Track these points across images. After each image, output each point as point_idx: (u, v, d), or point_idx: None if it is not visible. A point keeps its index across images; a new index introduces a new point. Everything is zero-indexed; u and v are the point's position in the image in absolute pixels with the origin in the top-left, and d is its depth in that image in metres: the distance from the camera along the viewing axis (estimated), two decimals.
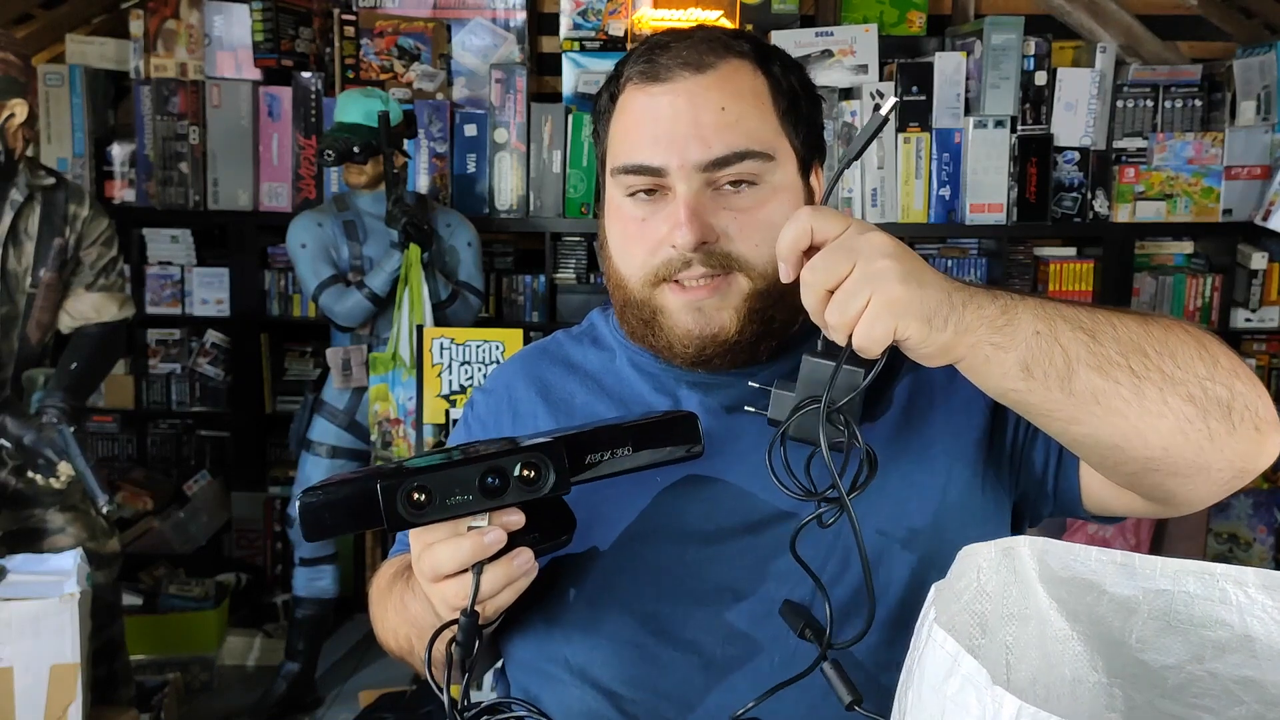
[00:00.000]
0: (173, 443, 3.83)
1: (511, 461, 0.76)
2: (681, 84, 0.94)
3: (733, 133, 0.92)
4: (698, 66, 0.94)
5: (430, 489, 0.75)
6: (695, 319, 0.95)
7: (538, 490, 0.77)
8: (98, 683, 2.40)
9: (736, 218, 0.93)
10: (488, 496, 0.76)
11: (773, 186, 0.95)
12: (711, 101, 0.93)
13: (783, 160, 0.96)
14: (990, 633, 0.59)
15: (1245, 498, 3.36)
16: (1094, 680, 0.63)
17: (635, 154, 0.94)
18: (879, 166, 3.47)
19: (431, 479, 0.75)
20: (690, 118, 0.93)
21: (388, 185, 2.93)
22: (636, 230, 0.96)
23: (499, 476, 0.76)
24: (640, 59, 0.96)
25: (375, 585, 1.06)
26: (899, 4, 3.71)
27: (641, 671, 0.93)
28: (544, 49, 3.84)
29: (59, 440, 2.24)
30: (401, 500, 0.75)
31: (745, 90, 0.95)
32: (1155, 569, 0.62)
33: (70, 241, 2.42)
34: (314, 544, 3.09)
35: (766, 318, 0.96)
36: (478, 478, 0.75)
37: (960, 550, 0.61)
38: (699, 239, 0.91)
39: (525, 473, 0.76)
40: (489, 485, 0.76)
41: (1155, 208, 3.53)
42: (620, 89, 0.98)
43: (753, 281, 0.94)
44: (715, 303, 0.94)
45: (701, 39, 0.96)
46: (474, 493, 0.76)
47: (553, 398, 1.05)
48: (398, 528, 0.76)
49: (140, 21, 3.60)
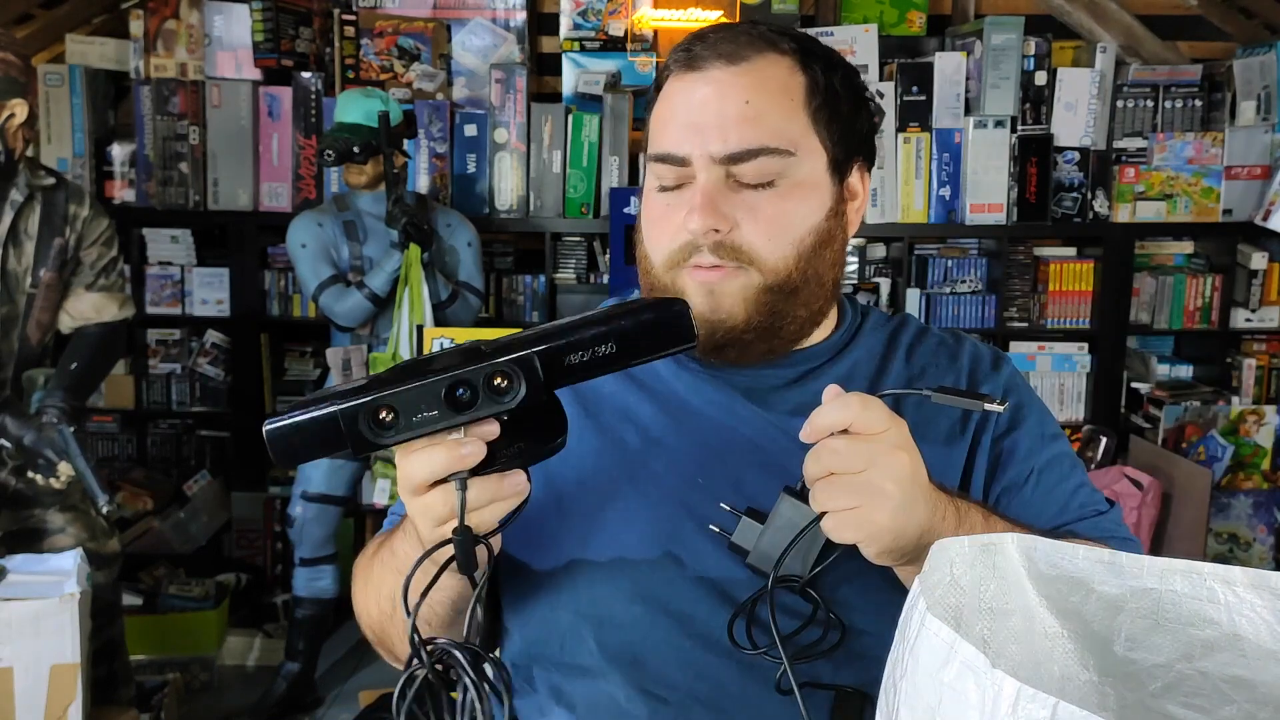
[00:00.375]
0: (173, 443, 3.83)
1: (479, 373, 0.71)
2: (714, 74, 0.95)
3: (753, 127, 0.93)
4: (731, 58, 0.95)
5: (395, 408, 0.70)
6: (707, 301, 0.95)
7: (509, 402, 0.72)
8: (98, 683, 2.40)
9: (751, 211, 0.94)
10: (457, 411, 0.71)
11: (793, 183, 0.95)
12: (738, 94, 0.94)
13: (806, 157, 0.96)
14: (965, 626, 0.59)
15: (1245, 498, 3.35)
16: (1084, 679, 0.63)
17: (664, 143, 0.96)
18: (879, 166, 3.47)
19: (396, 398, 0.70)
20: (716, 108, 0.94)
21: (388, 185, 2.94)
22: (661, 215, 0.98)
23: (468, 389, 0.71)
24: (682, 48, 0.98)
25: (357, 564, 1.03)
26: (899, 4, 3.71)
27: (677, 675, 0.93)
28: (544, 49, 3.84)
29: (59, 440, 2.25)
30: (365, 422, 0.71)
31: (775, 86, 0.95)
32: (1142, 568, 0.62)
33: (70, 241, 2.42)
34: (314, 544, 3.09)
35: (776, 312, 0.96)
36: (444, 391, 0.70)
37: (934, 544, 0.62)
38: (711, 224, 0.92)
39: (498, 382, 0.71)
40: (458, 399, 0.71)
41: (1155, 208, 3.54)
42: (664, 78, 1.00)
43: (763, 276, 0.95)
44: (724, 289, 0.95)
45: (743, 32, 0.97)
46: (441, 408, 0.71)
47: (579, 384, 1.05)
48: (364, 450, 0.72)
49: (140, 21, 3.60)
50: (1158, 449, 3.31)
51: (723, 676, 0.92)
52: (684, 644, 0.93)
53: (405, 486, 0.78)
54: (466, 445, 0.74)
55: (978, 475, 1.00)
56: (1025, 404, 1.04)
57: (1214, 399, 3.49)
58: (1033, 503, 1.00)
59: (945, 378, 1.04)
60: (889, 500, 0.79)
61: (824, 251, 0.98)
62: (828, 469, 0.80)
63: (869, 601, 0.92)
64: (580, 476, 0.99)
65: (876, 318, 1.09)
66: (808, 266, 0.96)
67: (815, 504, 0.81)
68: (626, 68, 3.70)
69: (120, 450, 3.82)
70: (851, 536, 0.80)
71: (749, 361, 1.00)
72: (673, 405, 1.01)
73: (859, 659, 0.91)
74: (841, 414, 0.80)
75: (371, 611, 0.99)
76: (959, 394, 0.86)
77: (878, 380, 1.02)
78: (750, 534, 0.89)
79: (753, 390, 1.01)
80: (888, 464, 0.79)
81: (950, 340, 1.08)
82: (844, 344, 1.05)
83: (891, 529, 0.79)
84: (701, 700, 0.92)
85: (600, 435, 1.01)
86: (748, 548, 0.89)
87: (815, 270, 0.97)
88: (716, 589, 0.93)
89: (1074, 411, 3.65)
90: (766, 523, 0.88)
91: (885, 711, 0.59)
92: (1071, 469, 1.03)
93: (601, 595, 0.95)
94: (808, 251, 0.96)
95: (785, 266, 0.95)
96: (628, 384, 1.03)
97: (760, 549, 0.88)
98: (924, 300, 3.60)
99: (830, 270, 0.99)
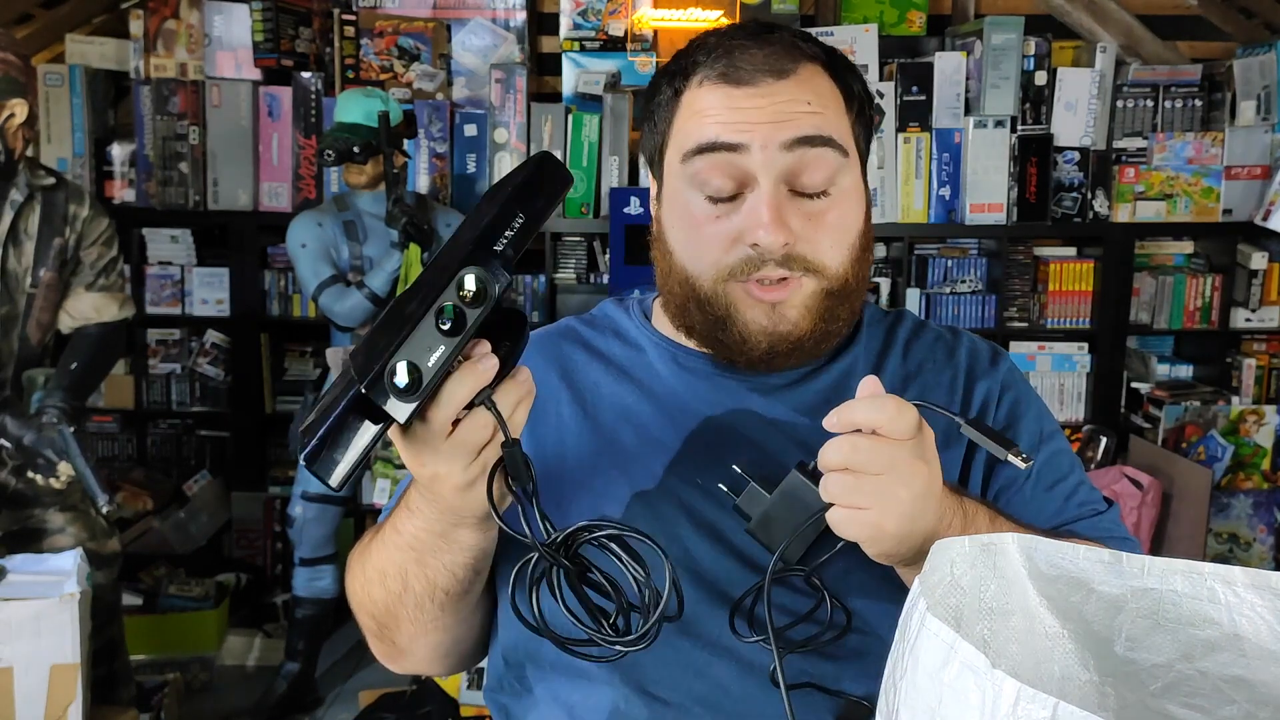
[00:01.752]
0: (173, 443, 3.83)
1: (449, 293, 0.72)
2: (765, 87, 0.93)
3: (815, 121, 0.92)
4: (779, 73, 0.93)
5: (410, 361, 0.71)
6: (769, 317, 0.94)
7: (491, 300, 0.73)
8: (98, 683, 2.40)
9: (811, 221, 0.93)
10: (455, 334, 0.72)
11: (843, 190, 0.95)
12: (798, 98, 0.93)
13: (853, 162, 0.96)
14: (966, 626, 0.59)
15: (1245, 497, 3.35)
16: (1084, 679, 0.63)
17: (711, 132, 0.93)
18: (879, 166, 3.47)
19: (404, 352, 0.71)
20: (773, 110, 0.92)
21: (388, 185, 2.94)
22: (709, 228, 0.94)
23: (450, 312, 0.72)
24: (717, 59, 0.94)
25: (351, 557, 1.01)
26: (899, 4, 3.71)
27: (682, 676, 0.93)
28: (544, 49, 3.84)
29: (59, 440, 2.25)
30: (388, 390, 0.71)
31: (825, 92, 0.95)
32: (1143, 567, 0.62)
33: (70, 241, 2.43)
34: (314, 544, 3.09)
35: (833, 316, 0.96)
36: (434, 324, 0.71)
37: (934, 544, 0.62)
38: (783, 239, 0.91)
39: (468, 291, 0.72)
40: (448, 326, 0.72)
41: (1155, 208, 3.54)
42: (687, 85, 0.96)
43: (825, 282, 0.94)
44: (789, 302, 0.94)
45: (778, 43, 0.95)
46: (444, 340, 0.71)
47: (577, 383, 1.04)
48: (405, 417, 0.72)
49: (140, 21, 3.60)
50: (1158, 449, 3.31)
51: (722, 676, 0.92)
52: (682, 644, 0.92)
53: (433, 436, 0.76)
54: (482, 361, 0.74)
55: (975, 473, 1.00)
56: (1023, 400, 1.04)
57: (1214, 399, 3.49)
58: (1031, 501, 0.99)
59: (942, 374, 1.03)
60: (900, 507, 0.78)
61: (868, 254, 0.99)
62: (846, 463, 0.79)
63: (875, 596, 0.91)
64: (578, 476, 0.99)
65: (873, 313, 1.08)
66: (860, 269, 0.97)
67: (826, 494, 0.81)
68: (626, 68, 3.70)
69: (120, 450, 3.82)
70: (856, 535, 0.80)
71: (796, 366, 1.00)
72: (671, 405, 1.01)
73: (860, 657, 0.91)
74: (875, 415, 0.79)
75: (375, 595, 0.95)
76: (988, 434, 0.85)
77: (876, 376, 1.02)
78: (756, 501, 0.88)
79: (752, 391, 1.00)
80: (907, 473, 0.79)
81: (948, 335, 1.07)
82: (843, 343, 1.04)
83: (896, 535, 0.79)
84: (701, 701, 0.91)
85: (598, 435, 1.00)
86: (752, 514, 0.88)
87: (863, 273, 0.98)
88: (715, 588, 0.93)
89: (1074, 411, 3.65)
90: (773, 494, 0.87)
91: (885, 711, 0.58)
92: (1070, 467, 1.03)
93: None
94: (859, 255, 0.97)
95: (844, 272, 0.95)
96: (626, 384, 1.03)
97: (761, 518, 0.88)
98: (924, 300, 3.60)
99: (869, 271, 1.01)
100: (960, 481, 0.99)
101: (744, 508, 0.89)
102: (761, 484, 0.88)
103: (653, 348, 1.04)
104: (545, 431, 1.01)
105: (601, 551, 0.76)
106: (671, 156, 0.97)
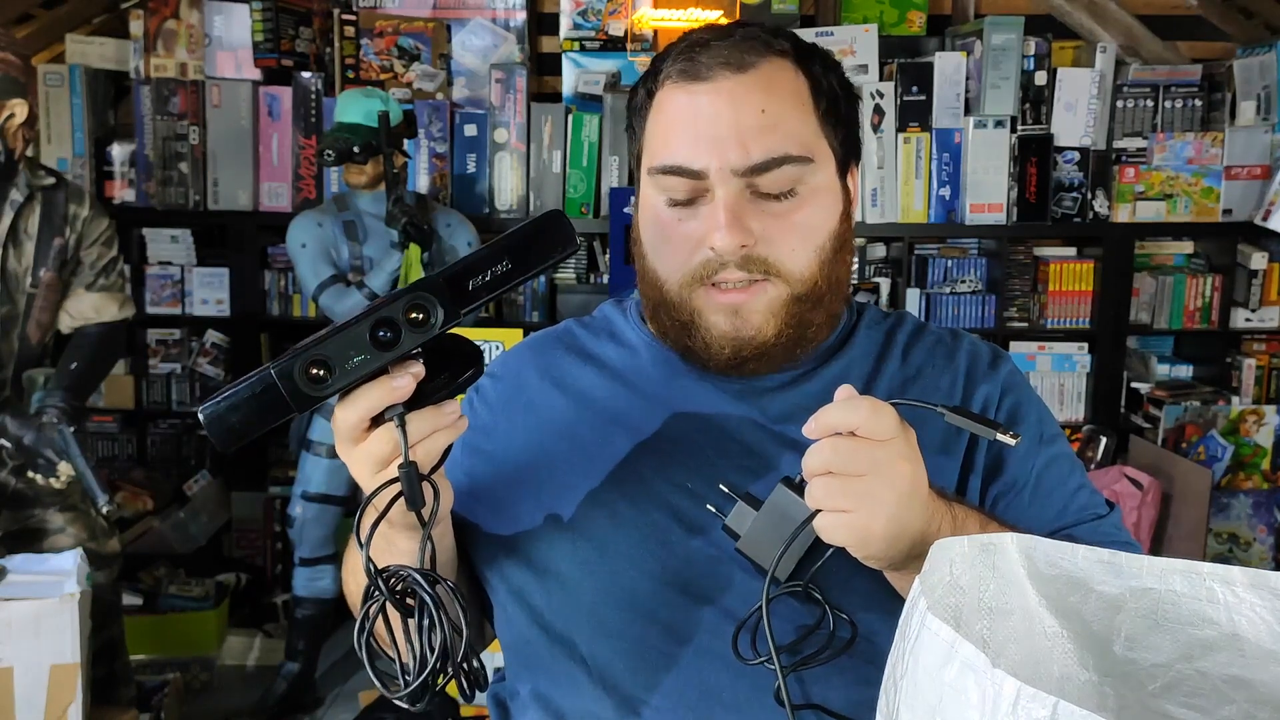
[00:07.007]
0: (173, 443, 3.83)
1: (396, 309, 0.75)
2: (723, 83, 0.92)
3: (772, 136, 0.91)
4: (739, 66, 0.92)
5: (327, 359, 0.74)
6: (731, 321, 0.94)
7: (430, 329, 0.75)
8: (98, 683, 2.40)
9: (774, 222, 0.92)
10: (385, 349, 0.75)
11: (811, 189, 0.94)
12: (752, 103, 0.92)
13: (822, 163, 0.95)
14: (965, 626, 0.59)
15: (1245, 497, 3.35)
16: (1084, 678, 0.63)
17: (674, 154, 0.93)
18: (879, 166, 3.47)
19: (325, 349, 0.74)
20: (730, 119, 0.91)
21: (388, 185, 2.94)
22: (674, 232, 0.95)
23: (389, 327, 0.74)
24: (680, 57, 0.95)
25: (345, 552, 1.03)
26: (899, 4, 3.71)
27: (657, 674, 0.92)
28: (544, 49, 3.84)
29: (59, 440, 2.25)
30: (300, 377, 0.74)
31: (786, 91, 0.93)
32: (1142, 567, 0.62)
33: (70, 241, 2.43)
34: (314, 544, 3.09)
35: (802, 321, 0.95)
36: (368, 334, 0.74)
37: (934, 544, 0.62)
38: (738, 241, 0.91)
39: (414, 315, 0.75)
40: (382, 339, 0.74)
41: (1155, 208, 3.53)
42: (659, 85, 0.96)
43: (789, 286, 0.93)
44: (751, 306, 0.93)
45: (742, 37, 0.94)
46: (369, 350, 0.74)
47: (570, 388, 1.03)
48: (307, 406, 0.75)
49: (140, 21, 3.60)
50: (1158, 449, 3.31)
51: (713, 682, 0.91)
52: (674, 650, 0.92)
53: (345, 437, 0.78)
54: (397, 378, 0.76)
55: (975, 478, 0.99)
56: (1024, 403, 1.02)
57: (1214, 399, 3.49)
58: (1031, 505, 0.98)
59: (942, 377, 1.02)
60: (885, 509, 0.78)
61: (842, 256, 0.97)
62: (827, 466, 0.79)
63: (879, 604, 0.90)
64: (569, 480, 0.98)
65: (872, 315, 1.07)
66: (830, 273, 0.96)
67: (811, 499, 0.80)
68: (626, 68, 3.70)
69: (120, 450, 3.82)
70: (843, 539, 0.79)
71: (768, 372, 0.98)
72: (663, 410, 1.00)
73: (868, 663, 0.90)
74: (849, 416, 0.78)
75: (352, 590, 1.00)
76: (972, 417, 0.84)
77: (873, 381, 1.01)
78: (744, 519, 0.88)
79: (744, 394, 0.99)
80: (889, 473, 0.78)
81: (948, 338, 1.06)
82: (838, 345, 1.03)
83: (884, 537, 0.79)
84: (692, 707, 0.91)
85: (589, 440, 1.00)
86: (740, 532, 0.88)
87: (836, 276, 0.97)
88: (705, 595, 0.93)
89: (1074, 411, 3.65)
90: (761, 510, 0.87)
91: (885, 711, 0.58)
92: (1071, 470, 1.01)
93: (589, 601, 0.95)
94: (829, 258, 0.95)
95: (811, 275, 0.94)
96: (618, 388, 1.02)
97: (751, 535, 0.87)
98: (924, 300, 3.60)
99: (846, 274, 0.99)
100: (959, 488, 0.98)
101: (733, 526, 0.89)
102: (749, 501, 0.88)
103: (647, 350, 1.04)
104: (536, 436, 1.01)
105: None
106: (646, 163, 0.97)
